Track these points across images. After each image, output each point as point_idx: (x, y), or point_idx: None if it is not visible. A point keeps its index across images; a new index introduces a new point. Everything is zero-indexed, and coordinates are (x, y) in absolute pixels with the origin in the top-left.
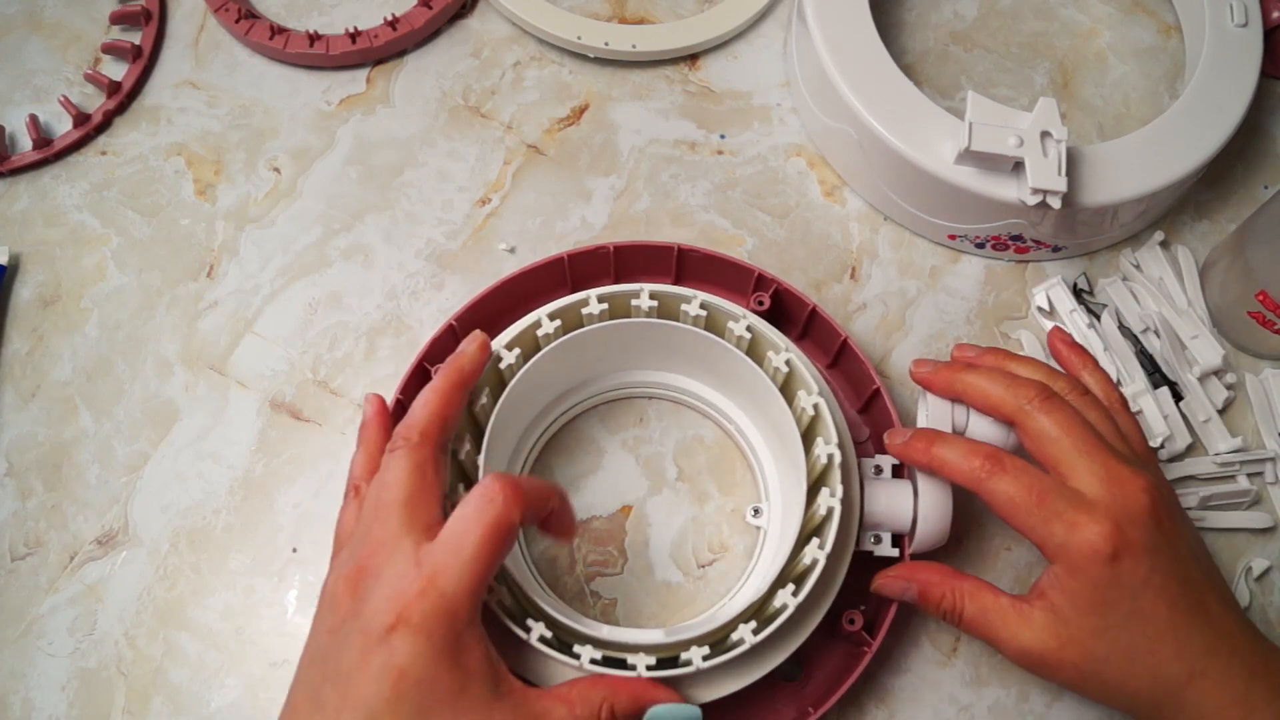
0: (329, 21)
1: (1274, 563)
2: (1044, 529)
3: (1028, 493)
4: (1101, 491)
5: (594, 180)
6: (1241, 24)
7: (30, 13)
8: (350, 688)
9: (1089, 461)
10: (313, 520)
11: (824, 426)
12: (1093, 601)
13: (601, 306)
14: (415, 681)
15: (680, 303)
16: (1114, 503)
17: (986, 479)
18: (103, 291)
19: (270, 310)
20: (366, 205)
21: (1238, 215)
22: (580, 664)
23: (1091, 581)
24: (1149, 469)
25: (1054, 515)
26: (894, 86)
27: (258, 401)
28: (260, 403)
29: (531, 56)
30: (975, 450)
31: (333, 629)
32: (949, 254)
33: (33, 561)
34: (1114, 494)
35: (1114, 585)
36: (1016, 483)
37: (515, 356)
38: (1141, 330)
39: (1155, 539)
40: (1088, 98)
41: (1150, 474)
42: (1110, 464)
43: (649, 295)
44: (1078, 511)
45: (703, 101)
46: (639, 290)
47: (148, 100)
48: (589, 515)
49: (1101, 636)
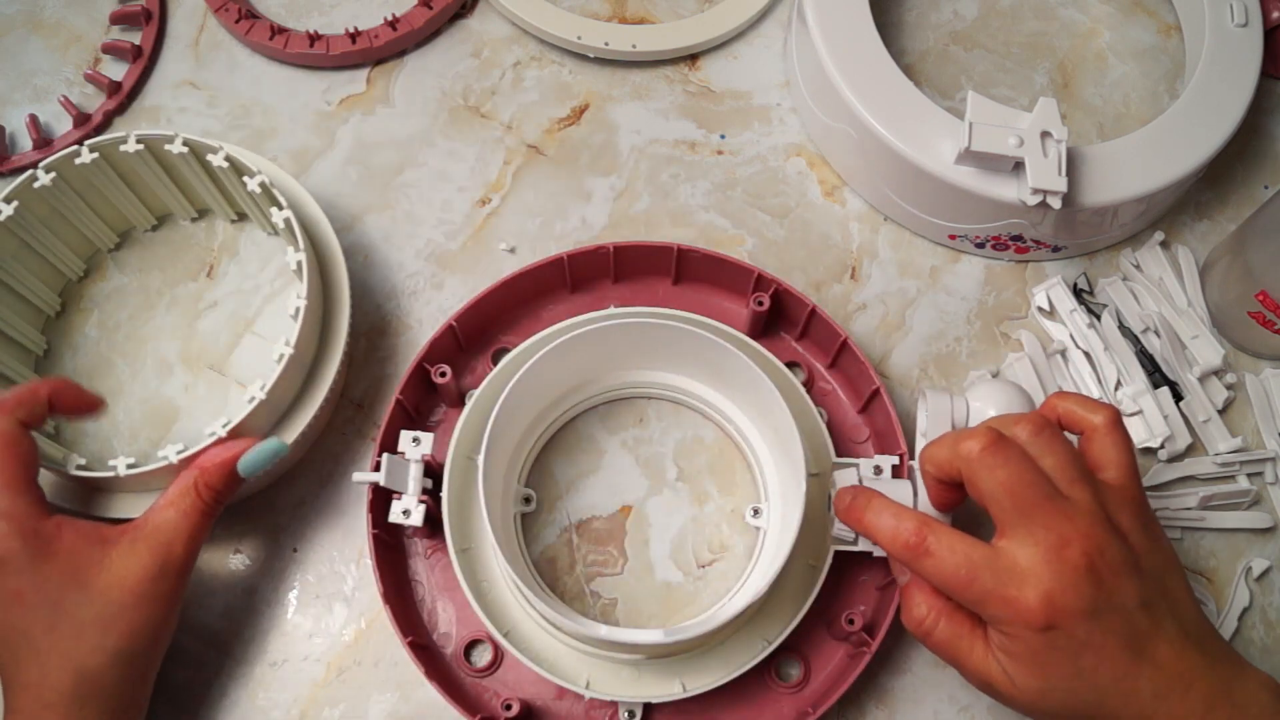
0: (329, 21)
1: (1274, 563)
2: (978, 607)
3: (956, 575)
4: (1036, 559)
5: (594, 180)
6: (1241, 24)
7: (30, 13)
8: None
9: (1027, 525)
10: (313, 520)
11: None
12: (1033, 667)
13: (93, 155)
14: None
15: (163, 143)
16: (1047, 571)
17: (914, 561)
18: (102, 291)
19: (270, 310)
20: (366, 205)
21: (1238, 215)
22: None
23: (1030, 650)
24: (1098, 519)
25: (986, 595)
26: (894, 86)
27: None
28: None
29: (531, 56)
30: (901, 525)
31: None
32: (949, 254)
33: None
34: (1049, 560)
35: (1051, 651)
36: (944, 566)
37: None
38: (1142, 330)
39: (1094, 601)
40: (1088, 98)
41: (1098, 527)
42: (1051, 523)
43: (135, 139)
44: (1008, 587)
45: (703, 101)
46: (126, 137)
47: (148, 100)
48: (589, 515)
49: (1047, 696)
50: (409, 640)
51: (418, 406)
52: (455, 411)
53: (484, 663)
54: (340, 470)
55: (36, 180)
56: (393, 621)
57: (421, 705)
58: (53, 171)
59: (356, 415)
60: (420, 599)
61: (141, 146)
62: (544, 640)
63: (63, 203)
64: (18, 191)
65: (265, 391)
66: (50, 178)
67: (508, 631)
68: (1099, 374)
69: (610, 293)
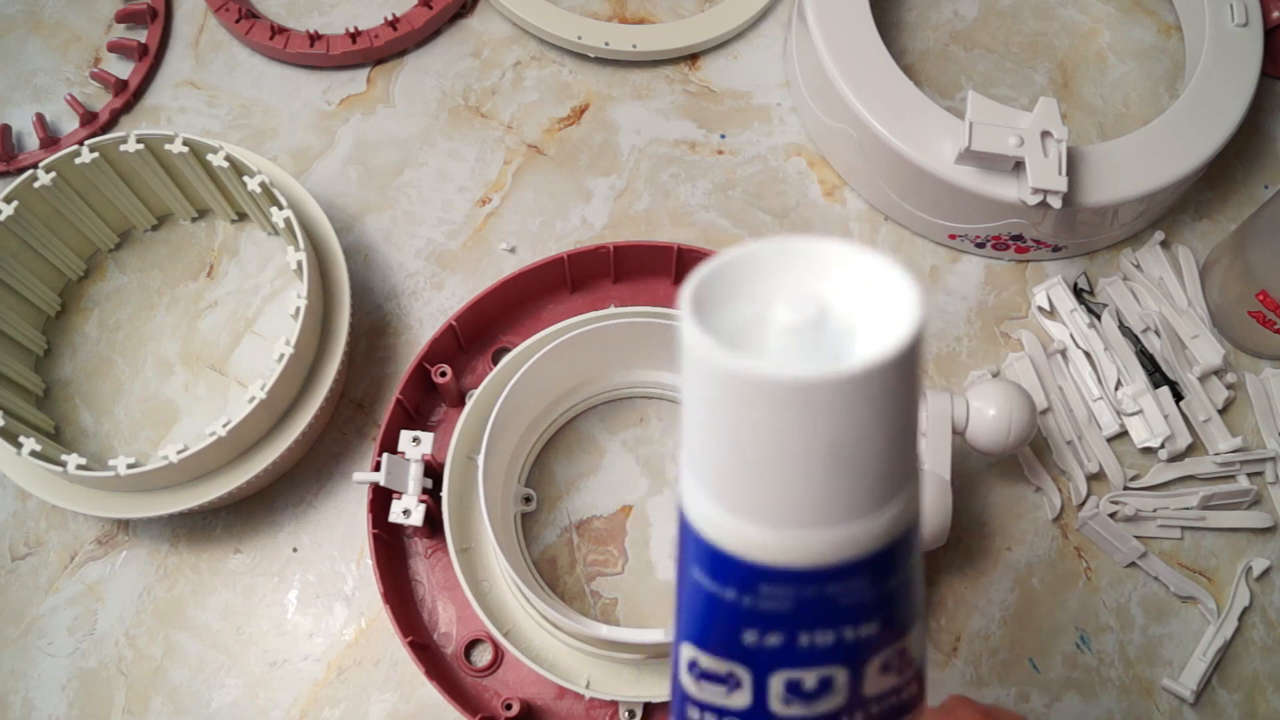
0: (329, 21)
1: (1274, 562)
2: None
3: None
4: None
5: (594, 180)
6: (1242, 24)
7: (30, 13)
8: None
9: None
10: (313, 519)
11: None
12: None
13: (93, 155)
14: None
15: (164, 143)
16: None
17: None
18: (102, 291)
19: (270, 310)
20: (367, 205)
21: (1238, 215)
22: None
23: None
24: None
25: None
26: (894, 86)
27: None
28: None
29: (532, 56)
30: None
31: None
32: (949, 254)
33: (33, 561)
34: None
35: None
36: None
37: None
38: (1142, 330)
39: None
40: (1088, 97)
41: None
42: None
43: (135, 139)
44: None
45: (703, 101)
46: (126, 137)
47: (149, 100)
48: (589, 515)
49: None
50: (409, 640)
51: (418, 406)
52: (455, 411)
53: (484, 662)
54: (340, 470)
55: (37, 180)
56: (393, 621)
57: (422, 705)
58: (53, 171)
59: (357, 415)
60: (420, 599)
61: (141, 146)
62: (544, 640)
63: (63, 202)
64: (18, 191)
65: (265, 391)
66: (50, 177)
67: (508, 631)
68: (1099, 374)
69: (610, 292)
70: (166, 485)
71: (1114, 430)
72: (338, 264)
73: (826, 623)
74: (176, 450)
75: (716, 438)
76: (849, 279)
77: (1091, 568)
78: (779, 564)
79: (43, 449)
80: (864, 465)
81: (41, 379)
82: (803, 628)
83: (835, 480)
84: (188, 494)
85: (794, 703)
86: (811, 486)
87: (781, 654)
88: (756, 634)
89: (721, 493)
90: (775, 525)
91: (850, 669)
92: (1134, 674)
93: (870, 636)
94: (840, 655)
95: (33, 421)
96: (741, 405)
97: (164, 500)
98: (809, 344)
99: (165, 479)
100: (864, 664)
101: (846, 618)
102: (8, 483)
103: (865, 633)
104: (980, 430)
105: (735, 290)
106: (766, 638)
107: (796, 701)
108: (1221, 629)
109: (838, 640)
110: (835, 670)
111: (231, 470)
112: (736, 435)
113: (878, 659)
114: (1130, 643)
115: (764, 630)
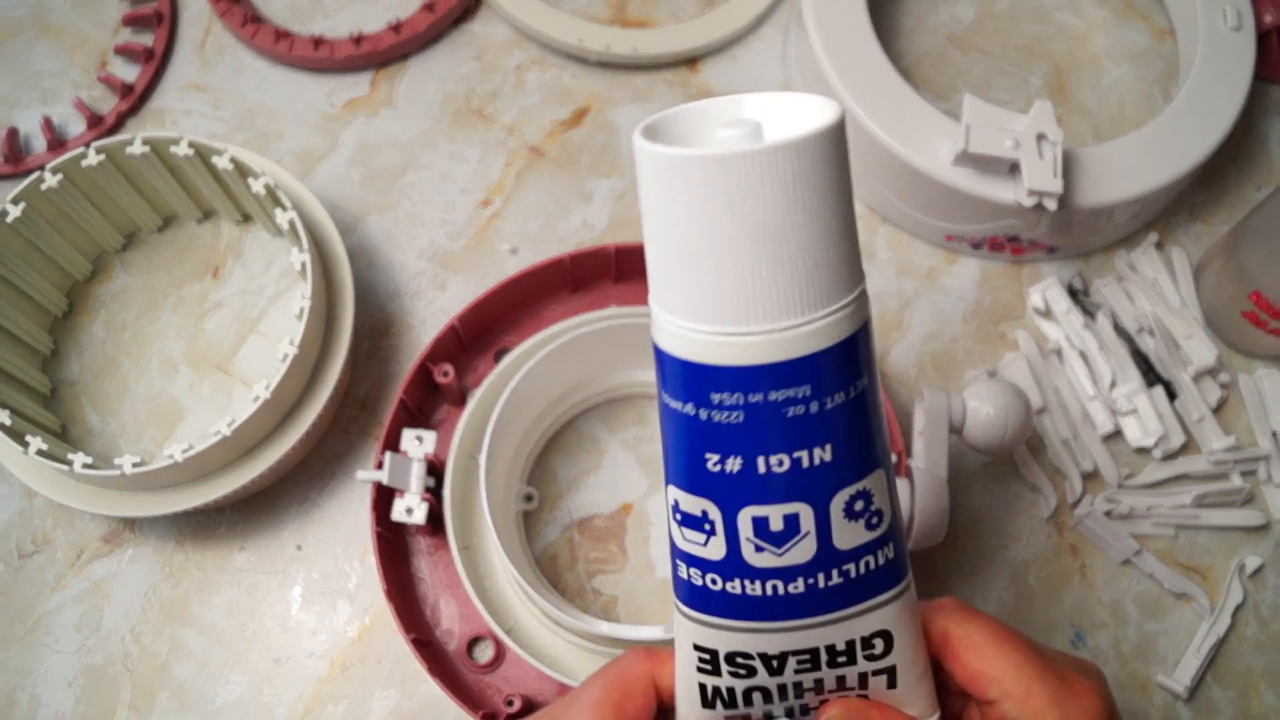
0: (333, 25)
1: (1267, 560)
2: None
3: None
4: None
5: (595, 182)
6: (1235, 27)
7: (38, 16)
8: None
9: None
10: (317, 518)
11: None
12: None
13: (99, 157)
14: None
15: (169, 145)
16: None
17: None
18: (109, 292)
19: (274, 310)
20: (370, 206)
21: (1231, 217)
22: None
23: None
24: None
25: None
26: (892, 89)
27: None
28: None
29: (533, 60)
30: None
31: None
32: (946, 255)
33: (39, 559)
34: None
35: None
36: None
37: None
38: (1136, 330)
39: None
40: (1083, 100)
41: None
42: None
43: (141, 142)
44: None
45: None
46: (132, 139)
47: (155, 103)
48: (590, 513)
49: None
50: (412, 637)
51: (420, 406)
52: (457, 411)
53: (486, 659)
54: (343, 469)
55: (44, 182)
56: (396, 619)
57: (424, 702)
58: (60, 173)
59: (360, 414)
60: (423, 596)
61: (147, 149)
62: (546, 637)
63: (69, 204)
64: (25, 193)
65: (270, 391)
66: (57, 179)
67: (510, 628)
68: (1094, 373)
69: (611, 293)
70: (172, 484)
71: (1109, 429)
72: (341, 265)
73: (780, 443)
74: (182, 449)
75: (659, 241)
76: (780, 110)
77: (1087, 565)
78: (722, 363)
79: (49, 448)
80: (791, 257)
81: (48, 379)
82: (758, 449)
83: (765, 270)
84: (193, 493)
85: (765, 549)
86: (742, 277)
87: (743, 484)
88: (718, 458)
89: (667, 298)
90: (715, 322)
91: (813, 507)
92: (1129, 670)
93: (825, 464)
94: (799, 488)
95: (39, 421)
96: (671, 192)
97: (169, 499)
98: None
99: (170, 478)
100: (826, 503)
101: (797, 436)
102: (15, 481)
103: (819, 458)
104: (977, 429)
105: (683, 125)
106: (727, 461)
107: (767, 547)
108: (1215, 626)
109: (794, 467)
110: (798, 507)
111: (236, 469)
112: (670, 230)
113: (839, 497)
114: (1125, 639)
115: (723, 453)
